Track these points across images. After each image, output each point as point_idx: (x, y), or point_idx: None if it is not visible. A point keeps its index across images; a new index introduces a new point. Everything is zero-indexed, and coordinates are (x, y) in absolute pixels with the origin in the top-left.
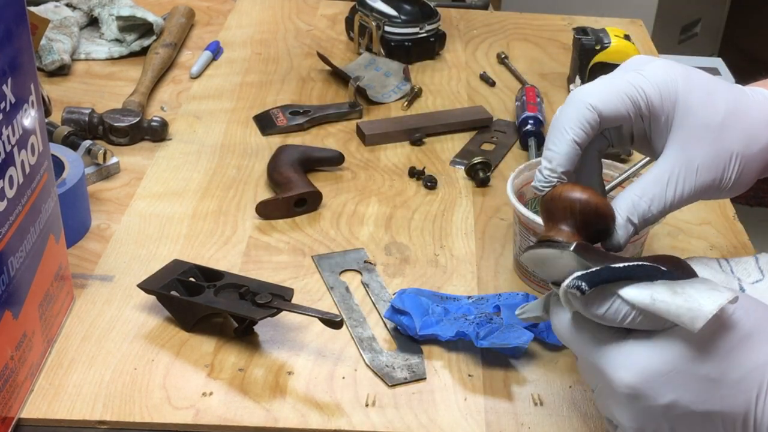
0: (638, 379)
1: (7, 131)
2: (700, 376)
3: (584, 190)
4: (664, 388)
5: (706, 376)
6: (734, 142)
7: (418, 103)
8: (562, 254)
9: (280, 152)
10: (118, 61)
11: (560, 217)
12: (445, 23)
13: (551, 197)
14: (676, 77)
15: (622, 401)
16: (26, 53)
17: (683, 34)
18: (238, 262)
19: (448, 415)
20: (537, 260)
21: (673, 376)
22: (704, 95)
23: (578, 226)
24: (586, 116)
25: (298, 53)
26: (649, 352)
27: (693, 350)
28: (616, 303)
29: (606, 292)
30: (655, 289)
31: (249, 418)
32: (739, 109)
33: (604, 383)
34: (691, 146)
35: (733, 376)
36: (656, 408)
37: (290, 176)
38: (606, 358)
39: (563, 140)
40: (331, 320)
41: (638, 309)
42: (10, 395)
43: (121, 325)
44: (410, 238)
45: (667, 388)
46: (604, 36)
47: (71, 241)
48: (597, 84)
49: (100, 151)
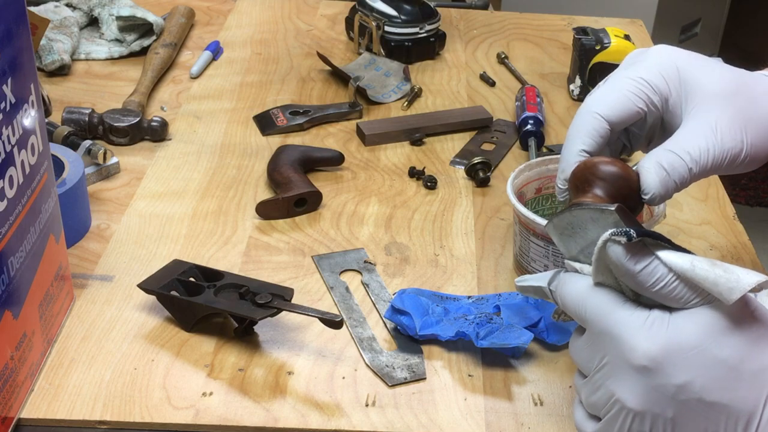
0: (659, 350)
1: (7, 131)
2: (719, 359)
3: (614, 160)
4: (682, 365)
5: (726, 361)
6: (745, 109)
7: (418, 103)
8: (602, 215)
9: (280, 152)
10: (118, 61)
11: (592, 184)
12: (445, 23)
13: (582, 166)
14: (673, 56)
15: (633, 376)
16: (26, 53)
17: (683, 34)
18: (238, 262)
19: (448, 415)
20: (570, 224)
21: (694, 354)
22: (706, 68)
23: (610, 193)
24: (594, 125)
25: (298, 53)
26: (673, 325)
27: (718, 331)
28: (654, 263)
29: (646, 251)
30: (695, 258)
31: (249, 418)
32: (744, 81)
33: (615, 355)
34: (706, 111)
35: (751, 367)
36: (668, 387)
37: (290, 176)
38: (625, 327)
39: (573, 152)
40: (331, 320)
41: (675, 274)
42: (10, 395)
43: (121, 325)
44: (410, 238)
45: (685, 366)
46: (604, 36)
47: (71, 241)
48: (601, 90)
49: (100, 151)
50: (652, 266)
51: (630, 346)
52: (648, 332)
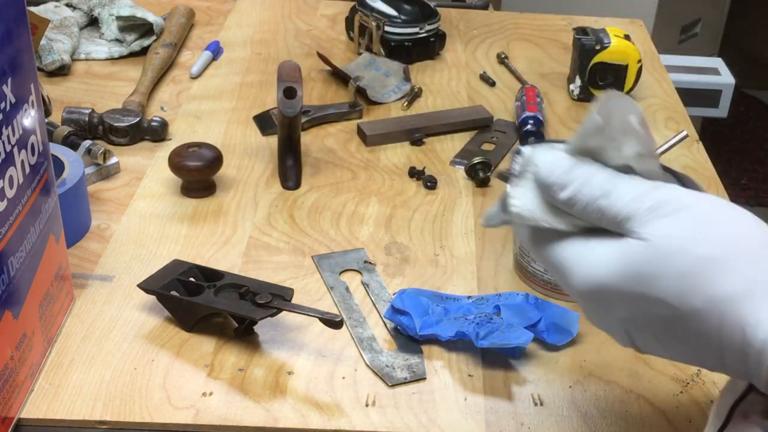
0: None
1: (7, 131)
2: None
3: None
4: (619, 303)
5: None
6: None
7: (418, 103)
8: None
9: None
10: (118, 61)
11: None
12: (445, 23)
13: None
14: None
15: (583, 305)
16: (26, 53)
17: (683, 34)
18: (238, 262)
19: (448, 415)
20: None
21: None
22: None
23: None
24: None
25: (298, 53)
26: (604, 260)
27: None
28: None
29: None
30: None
31: (249, 418)
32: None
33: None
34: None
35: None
36: (612, 318)
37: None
38: (563, 258)
39: None
40: (331, 320)
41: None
42: (10, 395)
43: (121, 325)
44: (410, 238)
45: (622, 304)
46: (604, 36)
47: (71, 241)
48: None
49: (100, 151)
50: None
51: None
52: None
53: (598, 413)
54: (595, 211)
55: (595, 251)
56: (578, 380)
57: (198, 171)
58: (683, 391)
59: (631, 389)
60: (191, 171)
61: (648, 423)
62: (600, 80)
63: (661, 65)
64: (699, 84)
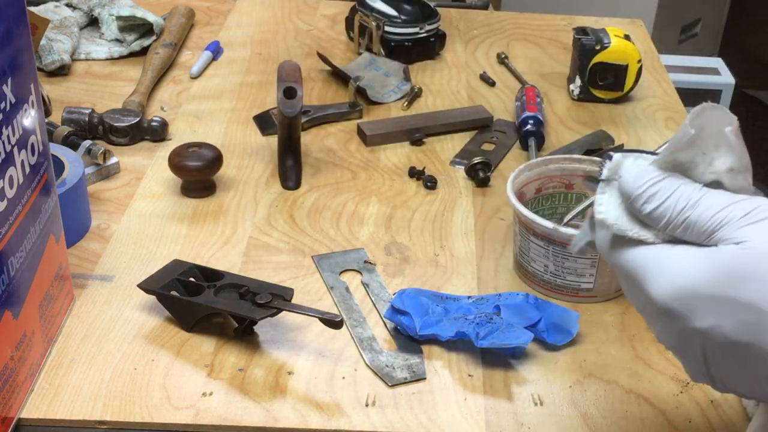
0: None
1: (7, 131)
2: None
3: None
4: (704, 309)
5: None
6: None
7: (418, 103)
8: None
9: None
10: (118, 61)
11: None
12: (445, 23)
13: None
14: None
15: (657, 318)
16: (26, 53)
17: (683, 34)
18: (238, 262)
19: (448, 415)
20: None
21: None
22: None
23: None
24: None
25: (298, 53)
26: (692, 265)
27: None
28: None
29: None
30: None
31: (249, 418)
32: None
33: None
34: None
35: None
36: (692, 330)
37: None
38: (644, 269)
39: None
40: (331, 320)
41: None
42: (10, 395)
43: (121, 325)
44: (410, 238)
45: (707, 310)
46: (604, 36)
47: (71, 241)
48: None
49: (100, 151)
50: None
51: (647, 292)
52: (662, 275)
53: (598, 413)
54: (680, 223)
55: (680, 257)
56: (578, 380)
57: (198, 171)
58: (683, 391)
59: (631, 389)
60: (191, 171)
61: (648, 423)
62: (600, 80)
63: (661, 65)
64: (699, 84)
